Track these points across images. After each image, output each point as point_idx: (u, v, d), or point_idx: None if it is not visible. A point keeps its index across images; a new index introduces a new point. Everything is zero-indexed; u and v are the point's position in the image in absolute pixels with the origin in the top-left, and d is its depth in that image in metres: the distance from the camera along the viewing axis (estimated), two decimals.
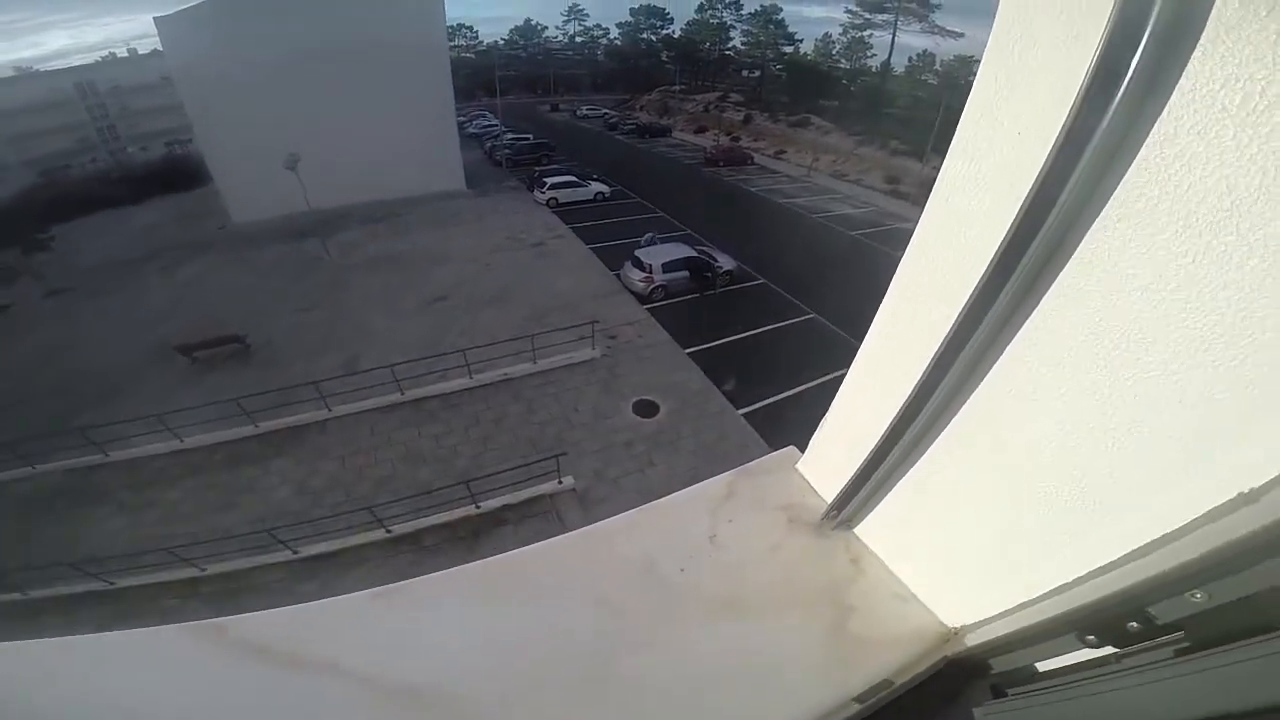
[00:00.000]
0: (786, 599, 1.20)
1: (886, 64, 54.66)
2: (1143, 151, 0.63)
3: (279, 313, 16.38)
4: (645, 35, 76.01)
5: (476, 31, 76.06)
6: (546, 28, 78.31)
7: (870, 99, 52.16)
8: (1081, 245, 0.72)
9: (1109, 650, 0.82)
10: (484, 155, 34.99)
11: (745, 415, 11.57)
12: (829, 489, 1.31)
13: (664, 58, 74.17)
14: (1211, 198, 0.60)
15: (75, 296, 19.42)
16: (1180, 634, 0.73)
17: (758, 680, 1.07)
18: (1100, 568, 0.82)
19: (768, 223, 24.09)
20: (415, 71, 25.13)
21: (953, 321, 0.88)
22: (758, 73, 66.42)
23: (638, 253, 16.84)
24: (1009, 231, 0.75)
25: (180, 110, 23.88)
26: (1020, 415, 0.89)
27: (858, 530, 1.30)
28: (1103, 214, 0.69)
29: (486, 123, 42.16)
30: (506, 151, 33.29)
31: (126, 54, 56.92)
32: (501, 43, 76.11)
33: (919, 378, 0.97)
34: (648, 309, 15.77)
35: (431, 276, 18.29)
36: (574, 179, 26.80)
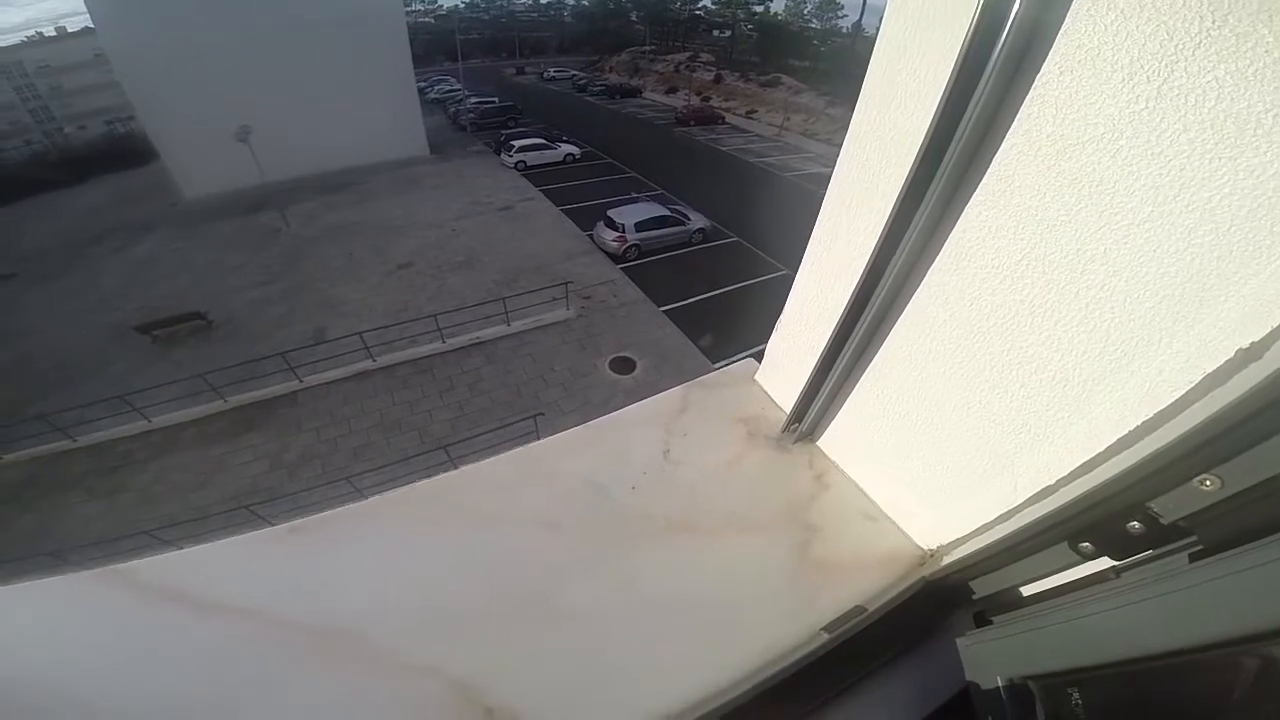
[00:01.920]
0: (746, 520, 1.14)
1: (858, 24, 54.09)
2: None
3: (240, 287, 16.01)
4: None
5: None
6: None
7: (842, 59, 51.56)
8: (1023, 107, 0.68)
9: (1106, 563, 0.77)
10: (447, 120, 34.23)
11: None
12: (788, 399, 1.26)
13: (633, 18, 72.86)
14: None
15: (22, 282, 18.78)
16: (1191, 537, 0.64)
17: (717, 609, 1.01)
18: (1088, 461, 0.74)
19: (740, 181, 24.01)
20: (370, 36, 24.49)
21: (888, 215, 0.85)
22: (728, 33, 65.45)
23: (610, 213, 16.70)
24: (933, 120, 0.73)
25: (118, 88, 23.02)
26: (974, 293, 0.83)
27: (821, 443, 1.26)
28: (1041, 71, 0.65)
29: (449, 88, 41.17)
30: (471, 115, 32.60)
31: (55, 33, 54.64)
32: (462, 6, 74.34)
33: (861, 274, 0.94)
34: (622, 268, 15.74)
35: (396, 244, 18.00)
36: (542, 141, 26.41)
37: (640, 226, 16.25)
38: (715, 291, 14.73)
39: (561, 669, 0.92)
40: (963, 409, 0.93)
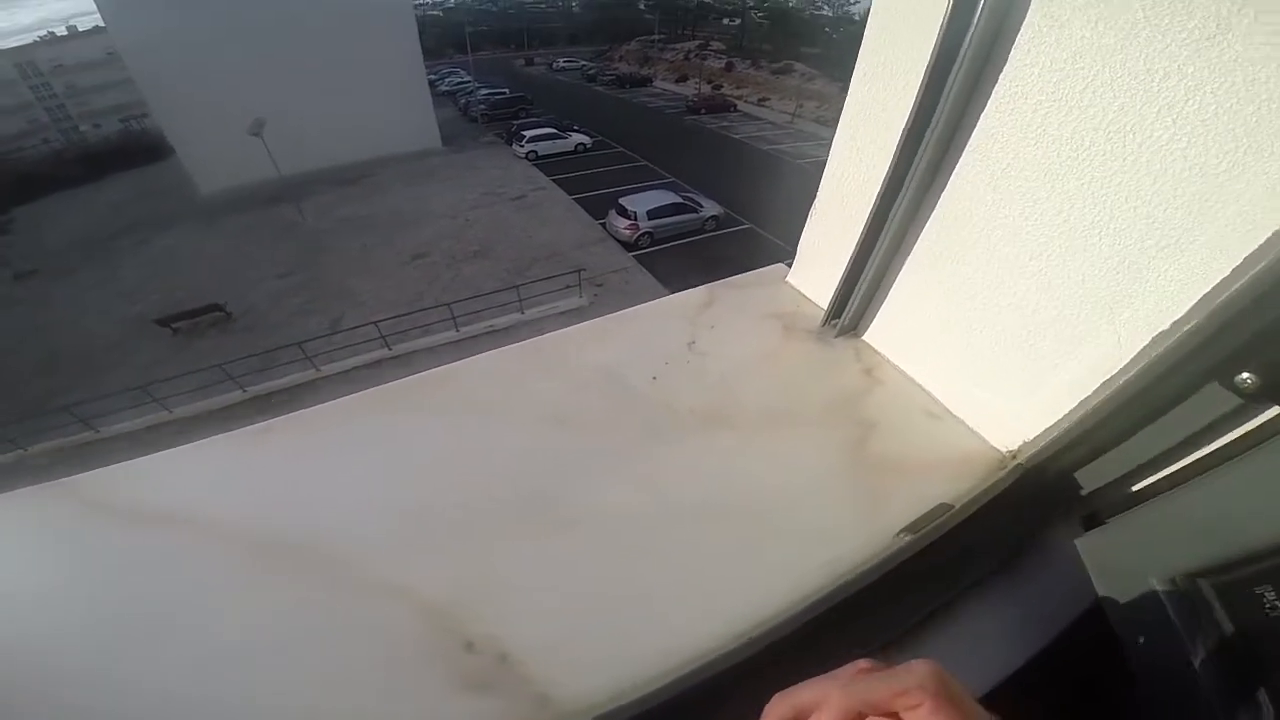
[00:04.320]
0: (787, 414, 1.01)
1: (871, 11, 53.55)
2: None
3: (257, 279, 16.19)
4: None
5: None
6: None
7: (854, 46, 50.25)
8: None
9: (1267, 413, 0.65)
10: (458, 112, 34.20)
11: None
12: (825, 295, 1.16)
13: (642, 7, 72.48)
14: None
15: (44, 278, 19.09)
16: None
17: (761, 515, 0.86)
18: (1239, 267, 0.60)
19: (752, 169, 23.77)
20: (380, 29, 24.61)
21: (922, 75, 0.81)
22: (739, 20, 64.99)
23: (622, 200, 16.68)
24: None
25: (132, 85, 23.26)
26: (1026, 158, 0.78)
27: (867, 337, 1.15)
28: None
29: (459, 80, 41.20)
30: (482, 107, 32.63)
31: (66, 32, 55.26)
32: None
33: (896, 146, 0.89)
34: (634, 256, 15.73)
35: (410, 235, 18.09)
36: (553, 131, 26.34)
37: (653, 214, 16.24)
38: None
39: (566, 592, 0.77)
40: (1021, 289, 0.84)
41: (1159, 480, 0.80)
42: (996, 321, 0.90)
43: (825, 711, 0.38)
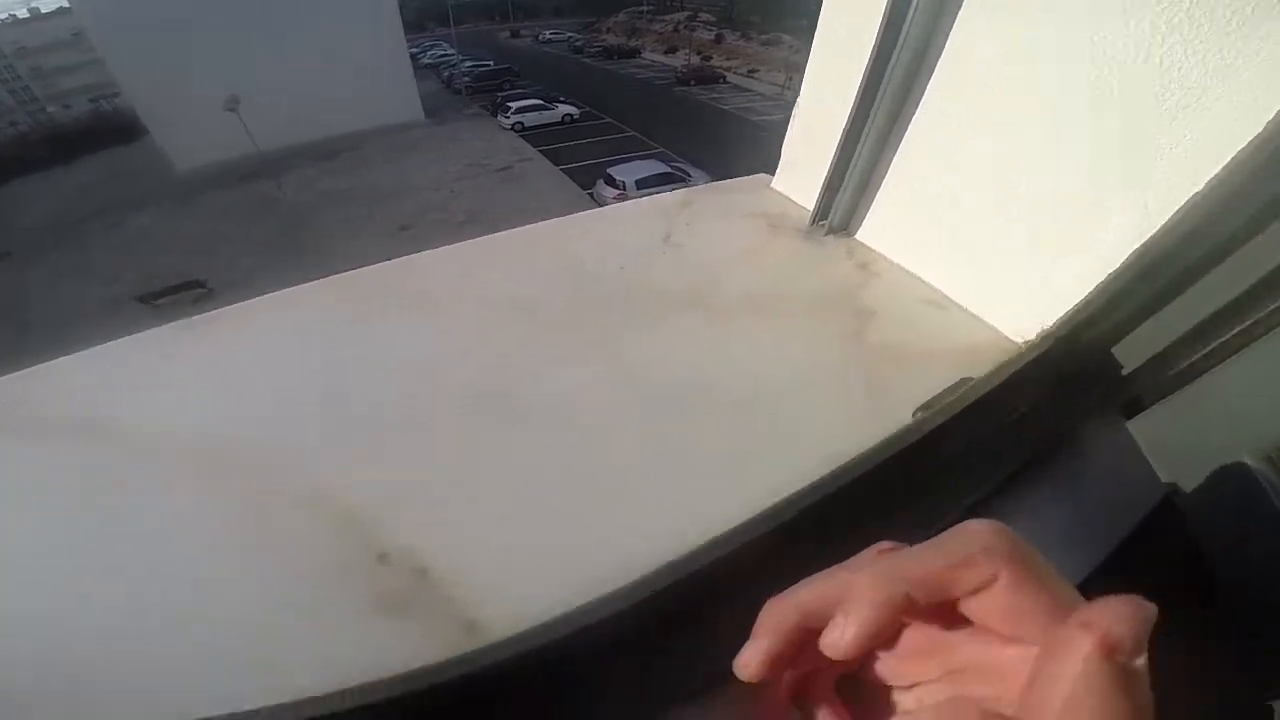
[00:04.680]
0: (774, 301, 0.95)
1: None
2: None
3: (238, 255, 16.01)
4: None
5: None
6: None
7: None
8: None
9: None
10: (442, 85, 33.81)
11: None
12: (812, 197, 1.10)
13: None
14: None
15: (18, 260, 18.80)
16: None
17: (742, 395, 0.78)
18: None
19: (741, 139, 23.59)
20: (359, 2, 24.48)
21: None
22: None
23: (610, 170, 16.57)
24: None
25: (101, 65, 22.88)
26: (1031, 13, 0.72)
27: (859, 235, 1.08)
28: None
29: (442, 53, 40.83)
30: (466, 79, 32.25)
31: (28, 14, 54.09)
32: None
33: (877, 30, 0.83)
34: None
35: (395, 207, 17.99)
36: (540, 102, 26.22)
37: (641, 184, 16.05)
38: None
39: (511, 496, 0.67)
40: (1046, 144, 0.75)
41: (1213, 350, 0.69)
42: (1005, 204, 0.82)
43: (853, 609, 0.27)
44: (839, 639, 0.26)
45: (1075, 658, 0.21)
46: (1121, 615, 0.22)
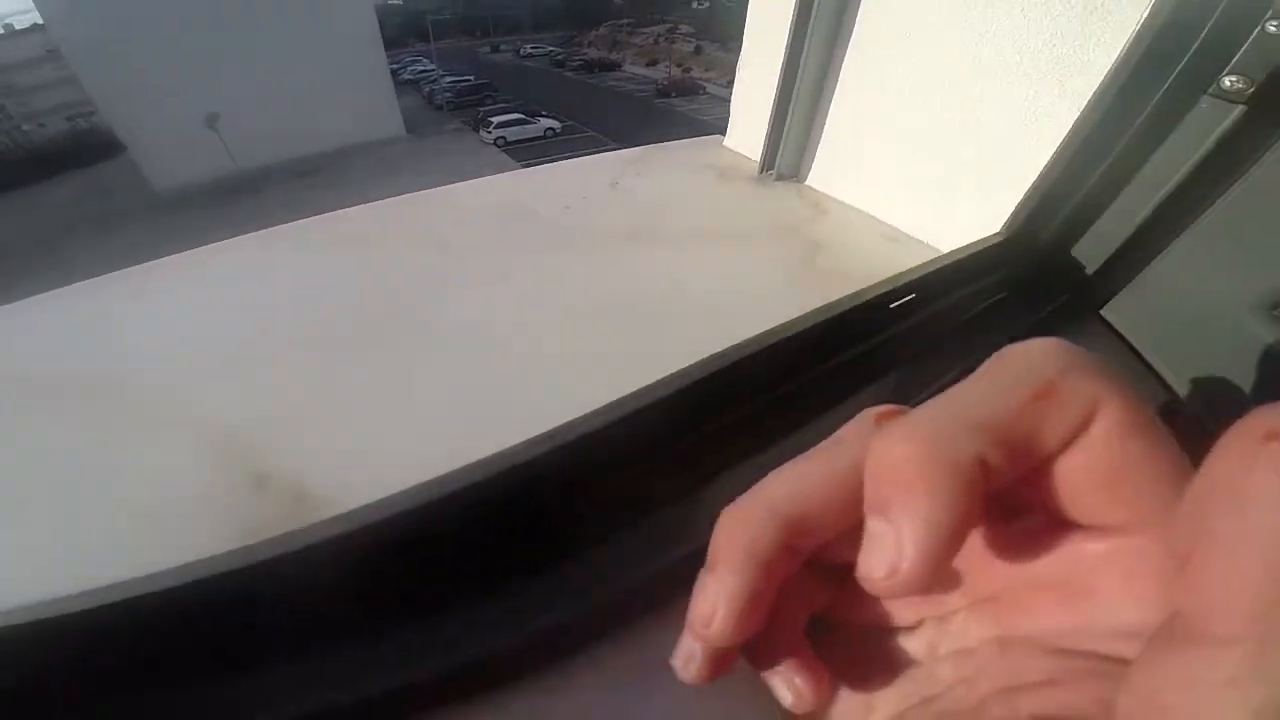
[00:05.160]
0: (724, 231, 0.96)
1: None
2: None
3: None
4: None
5: None
6: None
7: None
8: None
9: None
10: (423, 100, 33.93)
11: None
12: (760, 148, 1.14)
13: None
14: None
15: None
16: None
17: (678, 306, 0.80)
18: None
19: None
20: (339, 17, 24.38)
21: None
22: (707, 3, 65.24)
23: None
24: None
25: (76, 83, 22.67)
26: None
27: (810, 181, 1.12)
28: None
29: (422, 68, 40.91)
30: (447, 94, 32.45)
31: (2, 31, 53.84)
32: None
33: None
34: None
35: None
36: (521, 116, 26.53)
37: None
38: None
39: (416, 417, 0.65)
40: (968, 65, 0.78)
41: (1167, 227, 0.70)
42: (943, 130, 0.86)
43: (906, 500, 0.14)
44: (895, 558, 0.14)
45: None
46: None
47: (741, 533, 0.18)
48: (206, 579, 0.35)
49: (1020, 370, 0.16)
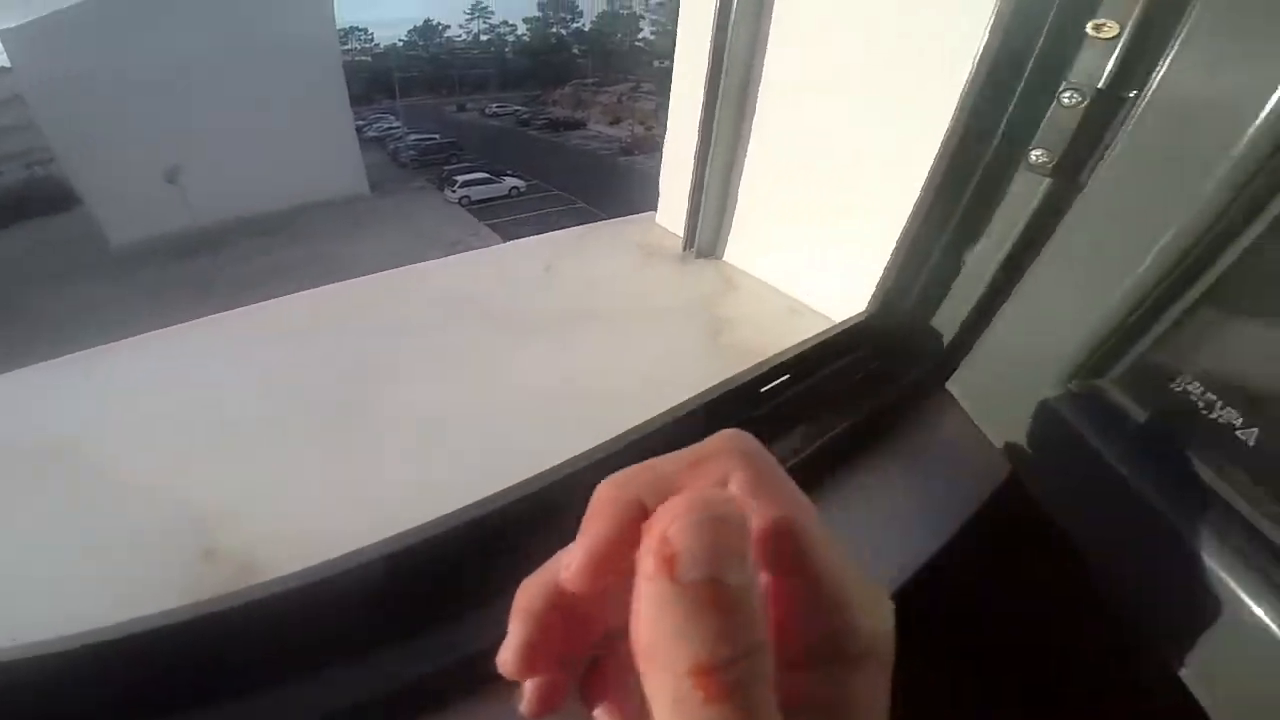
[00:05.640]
0: (632, 313, 1.05)
1: None
2: None
3: None
4: (555, 30, 76.48)
5: (371, 34, 74.98)
6: (448, 27, 77.66)
7: None
8: None
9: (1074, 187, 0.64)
10: (388, 158, 34.12)
11: None
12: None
13: (576, 51, 74.58)
14: None
15: None
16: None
17: (598, 389, 0.86)
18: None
19: None
20: (305, 73, 24.52)
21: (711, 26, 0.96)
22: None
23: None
24: None
25: (38, 129, 22.24)
26: (805, 74, 0.92)
27: (727, 258, 1.22)
28: None
29: (388, 125, 41.29)
30: (411, 153, 32.76)
31: None
32: (400, 44, 74.99)
33: (706, 61, 1.00)
34: None
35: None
36: (486, 175, 26.81)
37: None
38: None
39: (357, 489, 0.70)
40: (839, 149, 0.90)
41: (995, 299, 0.76)
42: (836, 206, 0.94)
43: (585, 527, 0.22)
44: (571, 559, 0.21)
45: (641, 581, 0.17)
46: (677, 511, 0.17)
47: (526, 595, 0.23)
48: (146, 633, 0.43)
49: (698, 447, 0.24)
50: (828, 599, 0.21)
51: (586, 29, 75.78)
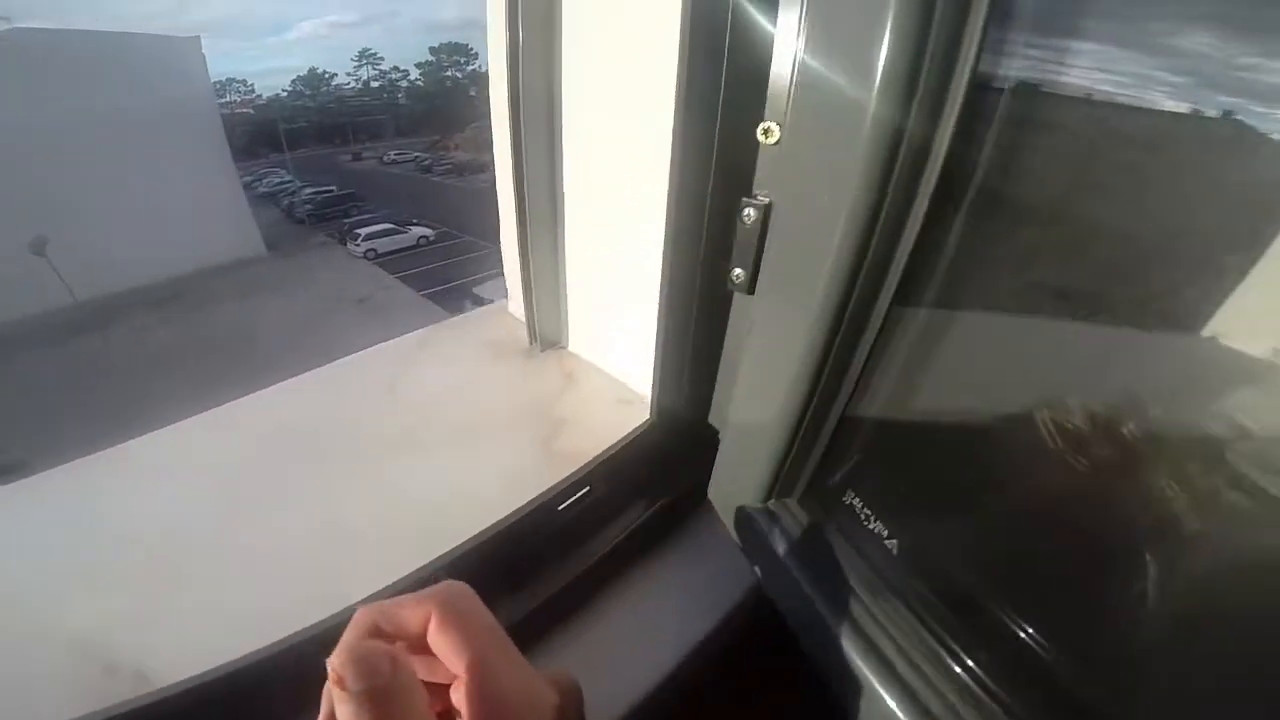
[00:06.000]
0: (477, 424, 1.02)
1: None
2: None
3: (60, 430, 14.52)
4: (450, 74, 76.45)
5: (251, 85, 73.03)
6: (335, 75, 76.70)
7: None
8: None
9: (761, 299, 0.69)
10: (283, 214, 33.17)
11: None
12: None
13: (473, 93, 74.78)
14: None
15: None
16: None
17: (434, 507, 0.87)
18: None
19: None
20: (180, 131, 23.57)
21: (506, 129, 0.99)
22: None
23: (477, 289, 16.84)
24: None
25: None
26: (596, 164, 0.93)
27: (570, 346, 1.20)
28: None
29: (279, 180, 39.96)
30: (308, 207, 31.96)
31: None
32: (284, 94, 73.30)
33: (507, 132, 1.01)
34: None
35: (241, 358, 16.85)
36: (392, 226, 26.56)
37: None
38: None
39: (224, 610, 0.76)
40: (628, 240, 0.92)
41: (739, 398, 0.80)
42: (635, 300, 0.95)
43: (350, 629, 0.33)
44: (329, 661, 0.29)
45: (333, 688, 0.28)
46: (340, 651, 0.29)
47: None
48: None
49: (422, 593, 0.34)
50: (490, 712, 0.32)
51: (483, 70, 75.97)
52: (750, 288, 0.69)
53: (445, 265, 23.44)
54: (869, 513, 0.65)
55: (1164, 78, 0.44)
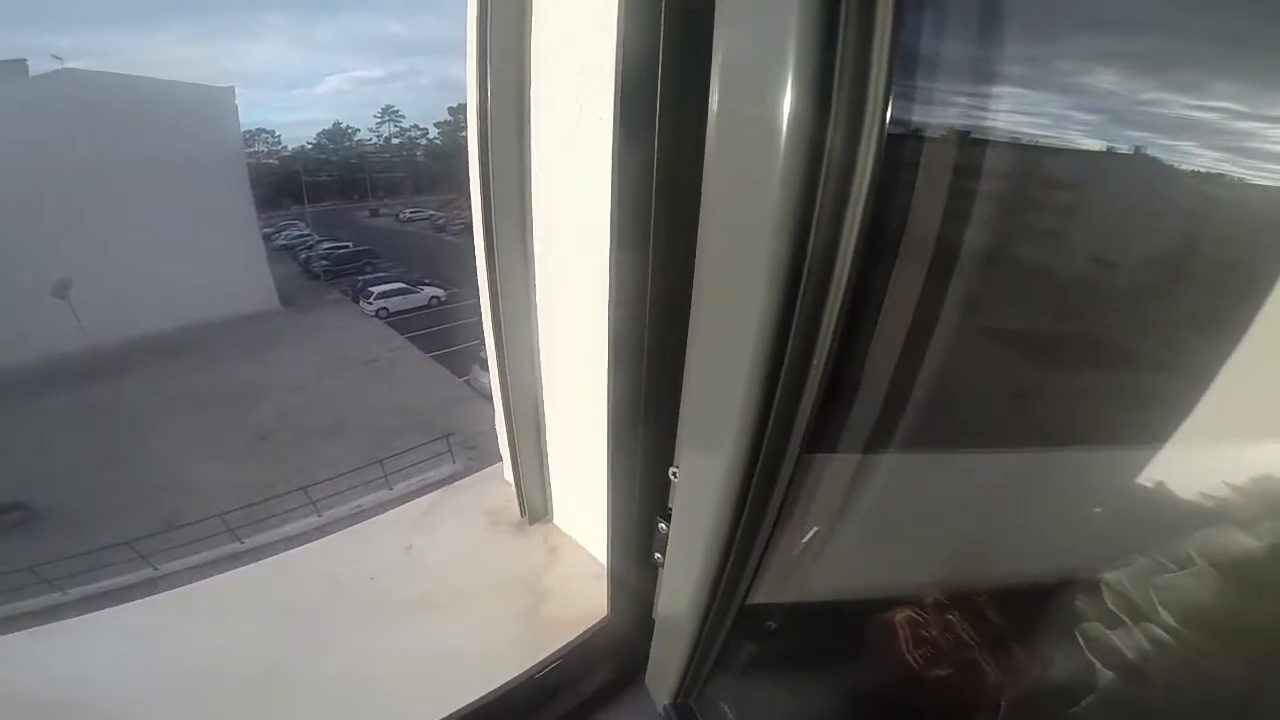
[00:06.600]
0: (477, 592, 1.16)
1: None
2: None
3: (71, 472, 14.91)
4: (466, 133, 77.93)
5: (279, 136, 74.75)
6: (358, 130, 78.19)
7: None
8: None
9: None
10: (299, 268, 33.54)
11: None
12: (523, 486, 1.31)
13: None
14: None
15: None
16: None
17: (440, 670, 1.01)
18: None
19: None
20: (207, 180, 23.89)
21: (486, 302, 1.07)
22: None
23: (484, 353, 16.83)
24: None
25: None
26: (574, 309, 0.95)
27: (556, 520, 1.31)
28: None
29: (298, 233, 40.36)
30: (324, 262, 32.35)
31: None
32: (308, 147, 74.65)
33: (488, 309, 1.08)
34: None
35: (254, 410, 17.58)
36: (404, 285, 27.05)
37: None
38: None
39: None
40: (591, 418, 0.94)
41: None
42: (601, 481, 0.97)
43: None
44: None
45: None
46: None
47: None
48: None
49: None
50: None
51: None
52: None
53: (455, 327, 22.05)
54: None
55: (1078, 116, 0.43)
